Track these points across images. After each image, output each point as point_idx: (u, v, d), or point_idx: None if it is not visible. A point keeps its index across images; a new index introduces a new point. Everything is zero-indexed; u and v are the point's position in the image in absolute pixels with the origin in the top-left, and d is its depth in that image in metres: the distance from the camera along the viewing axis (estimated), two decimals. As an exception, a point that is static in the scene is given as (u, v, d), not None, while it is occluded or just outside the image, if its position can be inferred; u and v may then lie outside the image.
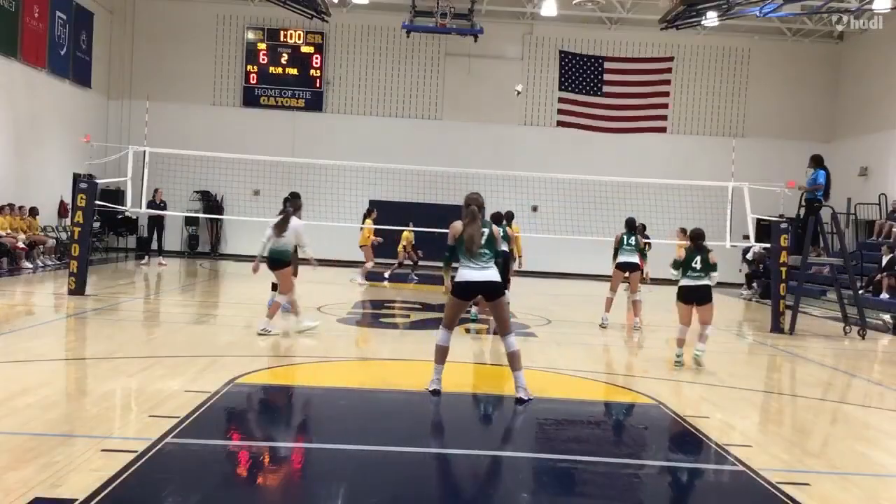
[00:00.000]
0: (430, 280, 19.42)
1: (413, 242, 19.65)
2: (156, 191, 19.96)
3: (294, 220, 9.83)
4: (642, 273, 13.34)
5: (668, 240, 19.95)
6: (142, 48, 25.52)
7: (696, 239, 9.44)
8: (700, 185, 18.21)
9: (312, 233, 20.81)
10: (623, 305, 17.83)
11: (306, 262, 10.40)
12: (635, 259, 12.56)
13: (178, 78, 25.30)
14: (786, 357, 10.93)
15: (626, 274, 12.82)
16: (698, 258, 9.23)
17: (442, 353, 7.18)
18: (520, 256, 13.92)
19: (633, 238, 12.63)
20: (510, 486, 4.88)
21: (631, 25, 25.63)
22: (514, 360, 7.00)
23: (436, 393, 7.03)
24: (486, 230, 7.10)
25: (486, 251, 7.02)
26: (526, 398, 6.88)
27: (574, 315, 13.06)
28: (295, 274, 13.74)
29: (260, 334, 9.65)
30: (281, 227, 9.71)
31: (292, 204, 9.96)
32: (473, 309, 11.49)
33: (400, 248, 19.52)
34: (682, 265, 9.34)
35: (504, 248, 10.88)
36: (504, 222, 11.89)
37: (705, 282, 9.21)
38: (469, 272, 6.98)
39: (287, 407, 6.89)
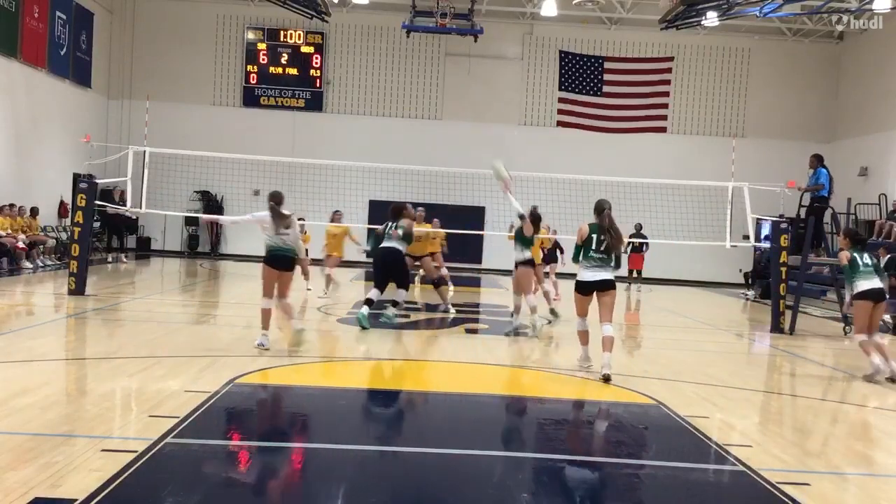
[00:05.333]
0: (430, 280, 19.39)
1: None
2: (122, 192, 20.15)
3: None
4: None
5: (662, 240, 19.98)
6: (142, 48, 25.53)
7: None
8: (700, 185, 18.21)
9: (312, 232, 20.85)
10: (622, 305, 17.83)
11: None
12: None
13: (178, 78, 25.31)
14: (786, 357, 10.93)
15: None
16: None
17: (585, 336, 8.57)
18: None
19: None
20: (510, 486, 4.88)
21: (631, 25, 25.64)
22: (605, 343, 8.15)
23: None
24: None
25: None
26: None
27: (574, 315, 13.00)
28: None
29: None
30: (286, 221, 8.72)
31: (277, 200, 9.06)
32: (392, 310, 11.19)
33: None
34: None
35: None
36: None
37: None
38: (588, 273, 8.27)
39: (287, 407, 6.89)
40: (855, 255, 9.43)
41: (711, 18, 21.59)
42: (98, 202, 14.14)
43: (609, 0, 24.04)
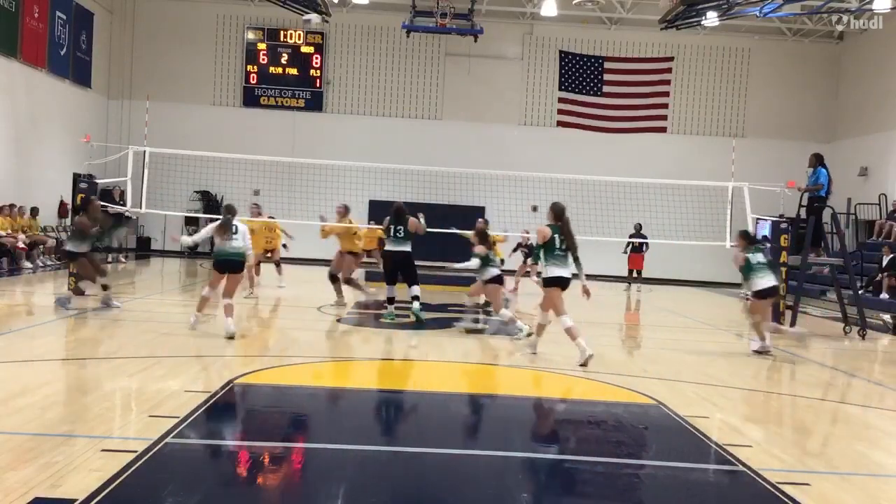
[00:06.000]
0: (430, 280, 19.39)
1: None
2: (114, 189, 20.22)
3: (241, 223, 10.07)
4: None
5: (662, 240, 19.98)
6: (142, 48, 25.53)
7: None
8: (700, 185, 18.21)
9: (312, 232, 20.83)
10: (621, 305, 17.84)
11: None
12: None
13: (178, 78, 25.31)
14: (786, 357, 10.93)
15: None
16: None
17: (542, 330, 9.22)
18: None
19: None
20: (510, 486, 4.88)
21: (631, 25, 25.64)
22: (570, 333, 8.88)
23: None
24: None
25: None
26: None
27: (574, 315, 13.01)
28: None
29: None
30: (229, 229, 9.80)
31: (231, 212, 10.05)
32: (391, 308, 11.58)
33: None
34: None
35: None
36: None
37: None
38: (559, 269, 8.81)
39: (287, 407, 6.89)
40: (748, 255, 10.41)
41: (711, 18, 21.58)
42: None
43: (609, 0, 24.04)
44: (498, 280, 11.05)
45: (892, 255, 17.33)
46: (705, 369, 9.35)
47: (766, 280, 10.34)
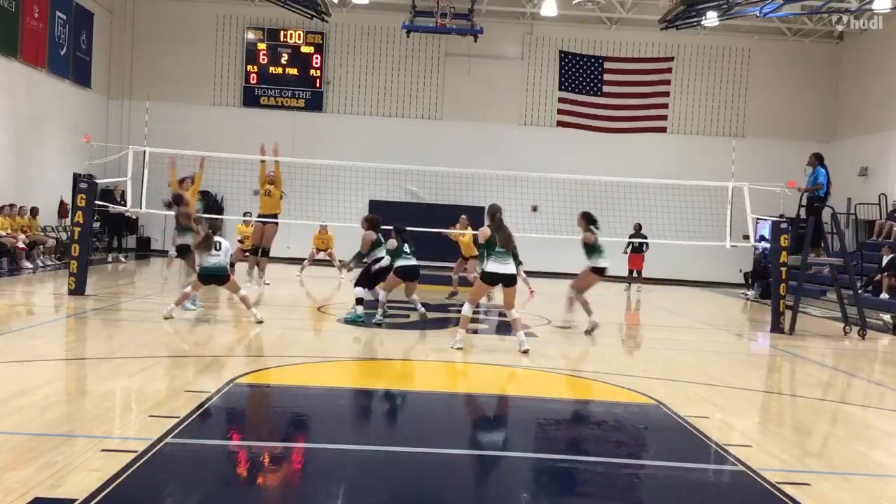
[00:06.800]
0: (430, 280, 19.41)
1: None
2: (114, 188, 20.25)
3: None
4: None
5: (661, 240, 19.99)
6: (142, 48, 25.52)
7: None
8: (700, 185, 18.21)
9: (312, 232, 20.75)
10: (621, 305, 17.84)
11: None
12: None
13: (178, 78, 25.31)
14: (786, 357, 10.93)
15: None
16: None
17: (466, 321, 9.56)
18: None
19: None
20: (510, 486, 4.88)
21: (631, 25, 25.64)
22: (514, 325, 9.47)
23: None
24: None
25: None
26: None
27: (574, 315, 13.03)
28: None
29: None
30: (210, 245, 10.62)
31: (214, 227, 11.02)
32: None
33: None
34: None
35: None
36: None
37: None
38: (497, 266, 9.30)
39: (287, 407, 6.89)
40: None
41: (711, 18, 21.59)
42: (98, 202, 14.14)
43: (609, 0, 24.04)
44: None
45: (892, 255, 17.33)
46: (705, 369, 9.36)
47: (604, 260, 11.36)
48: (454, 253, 17.11)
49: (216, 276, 10.63)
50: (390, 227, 11.52)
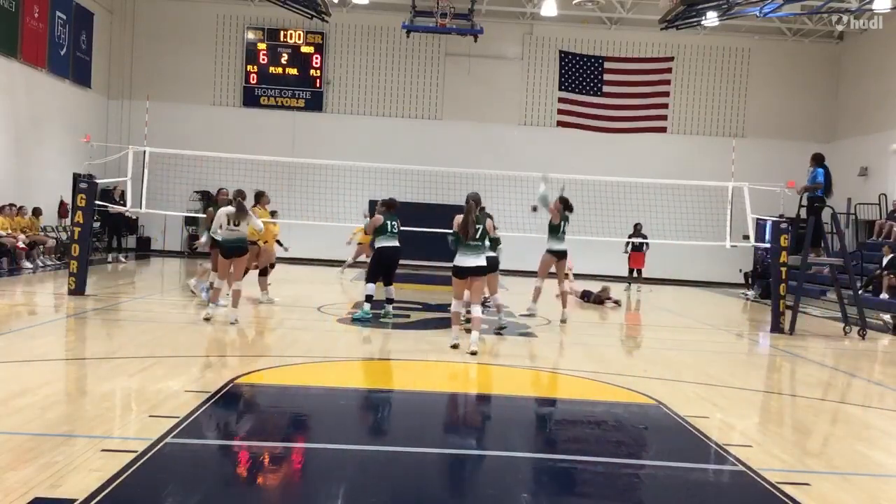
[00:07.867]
0: (430, 280, 19.43)
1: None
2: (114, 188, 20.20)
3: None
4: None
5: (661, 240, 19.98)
6: (142, 48, 25.51)
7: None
8: (700, 185, 18.22)
9: (312, 232, 20.81)
10: (622, 305, 17.83)
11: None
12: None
13: (178, 78, 25.30)
14: (786, 357, 10.93)
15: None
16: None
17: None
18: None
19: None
20: (510, 485, 4.88)
21: (631, 25, 25.63)
22: (474, 323, 9.34)
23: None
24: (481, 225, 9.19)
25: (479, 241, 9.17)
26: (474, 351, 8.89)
27: (574, 315, 13.04)
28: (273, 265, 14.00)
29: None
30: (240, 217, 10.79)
31: (243, 197, 11.22)
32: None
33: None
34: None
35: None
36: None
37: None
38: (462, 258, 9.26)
39: (287, 407, 6.89)
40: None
41: (711, 18, 21.58)
42: (98, 202, 14.14)
43: (609, 0, 24.04)
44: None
45: (892, 255, 17.33)
46: (705, 369, 9.36)
47: (563, 244, 12.04)
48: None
49: (238, 249, 10.73)
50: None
